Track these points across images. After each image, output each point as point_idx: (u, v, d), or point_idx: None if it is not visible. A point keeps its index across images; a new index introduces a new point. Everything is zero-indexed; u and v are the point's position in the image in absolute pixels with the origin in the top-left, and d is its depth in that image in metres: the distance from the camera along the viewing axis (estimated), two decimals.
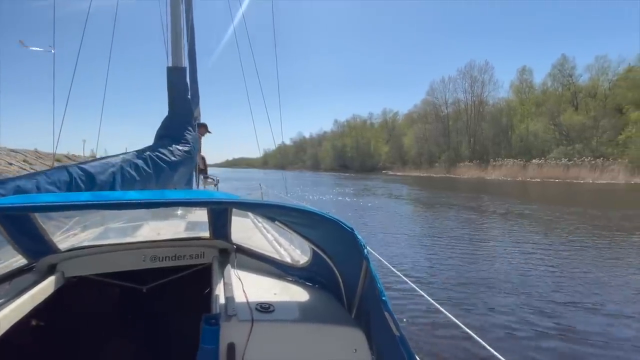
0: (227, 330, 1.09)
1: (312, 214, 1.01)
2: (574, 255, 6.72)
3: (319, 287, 1.59)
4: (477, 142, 48.94)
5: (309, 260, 1.58)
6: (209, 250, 1.92)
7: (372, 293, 1.08)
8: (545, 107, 42.01)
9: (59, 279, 1.63)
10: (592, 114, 37.67)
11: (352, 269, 1.20)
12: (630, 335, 3.59)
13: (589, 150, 35.14)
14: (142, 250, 1.82)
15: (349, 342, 1.19)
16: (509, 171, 38.18)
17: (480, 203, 15.74)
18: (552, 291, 4.79)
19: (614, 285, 5.04)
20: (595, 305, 4.34)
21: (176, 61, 2.93)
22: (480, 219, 11.47)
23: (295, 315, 1.30)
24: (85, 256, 1.74)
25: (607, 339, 3.48)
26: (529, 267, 5.90)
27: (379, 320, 1.06)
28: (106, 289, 1.93)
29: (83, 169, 1.68)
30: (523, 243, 7.82)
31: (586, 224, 9.93)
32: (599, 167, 31.86)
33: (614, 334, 3.60)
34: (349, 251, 1.12)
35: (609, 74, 39.69)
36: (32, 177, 1.48)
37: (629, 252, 7.07)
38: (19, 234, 1.53)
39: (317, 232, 1.31)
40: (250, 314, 1.19)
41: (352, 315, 1.33)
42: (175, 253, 1.87)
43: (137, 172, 2.02)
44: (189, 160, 2.69)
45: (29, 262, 1.65)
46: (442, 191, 22.75)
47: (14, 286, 1.46)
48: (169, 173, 2.33)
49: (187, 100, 2.89)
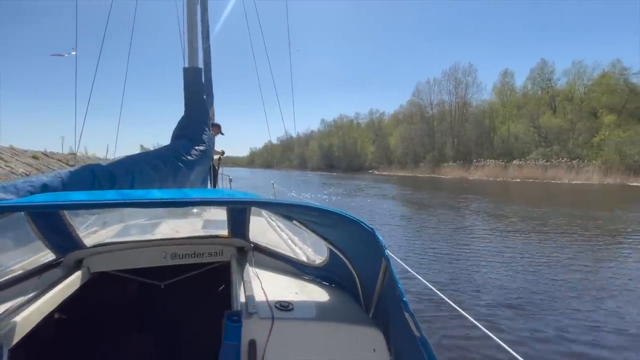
0: (249, 327, 1.12)
1: (333, 214, 1.01)
2: (546, 249, 7.17)
3: (335, 287, 1.60)
4: (460, 143, 50.05)
5: (325, 259, 1.59)
6: (227, 249, 1.94)
7: (391, 293, 1.08)
8: (525, 109, 43.40)
9: (85, 274, 1.69)
10: (569, 117, 39.15)
11: (370, 269, 1.20)
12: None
13: (566, 152, 36.53)
14: (163, 248, 1.87)
15: (368, 342, 1.19)
16: (490, 171, 39.28)
17: (464, 203, 16.28)
18: (531, 282, 5.16)
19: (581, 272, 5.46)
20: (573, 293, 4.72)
21: (192, 62, 2.95)
22: (463, 217, 11.93)
23: (314, 314, 1.30)
24: (110, 252, 1.80)
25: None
26: (503, 260, 6.29)
27: (398, 321, 1.06)
28: (126, 285, 1.97)
29: (105, 168, 1.74)
30: (502, 238, 8.26)
31: (560, 222, 10.51)
32: (575, 168, 33.23)
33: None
34: (368, 251, 1.13)
35: (584, 79, 41.31)
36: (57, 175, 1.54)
37: (600, 246, 7.60)
38: (48, 230, 1.58)
39: (336, 231, 1.30)
40: (271, 311, 1.21)
41: (370, 315, 1.34)
42: (195, 251, 1.91)
43: (156, 171, 2.05)
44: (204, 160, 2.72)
45: (57, 257, 1.71)
46: (427, 191, 23.32)
47: (43, 280, 1.53)
48: (185, 172, 2.36)
49: (203, 101, 2.90)
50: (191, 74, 2.89)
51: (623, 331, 3.78)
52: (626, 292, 4.93)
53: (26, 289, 1.40)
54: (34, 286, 1.44)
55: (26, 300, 1.26)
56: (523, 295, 4.75)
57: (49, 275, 1.59)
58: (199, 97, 2.88)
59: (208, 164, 2.95)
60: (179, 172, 2.28)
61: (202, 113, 2.87)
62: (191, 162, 2.43)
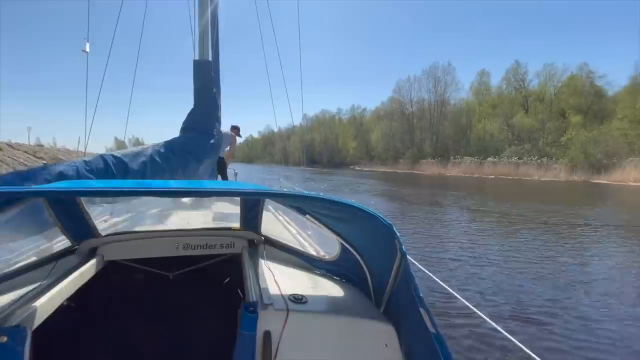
0: (264, 318, 1.13)
1: (351, 207, 1.01)
2: (514, 240, 7.75)
3: (345, 281, 1.61)
4: (439, 140, 51.41)
5: (337, 254, 1.60)
6: (239, 241, 1.95)
7: (406, 289, 1.08)
8: (500, 109, 45.14)
9: (99, 262, 1.70)
10: (540, 117, 41.08)
11: (384, 265, 1.20)
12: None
13: (536, 150, 38.40)
14: (175, 239, 1.88)
15: (380, 337, 1.20)
16: (467, 168, 40.67)
17: (442, 198, 16.97)
18: (503, 266, 5.63)
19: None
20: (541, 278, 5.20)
21: (202, 54, 2.89)
22: (442, 211, 12.52)
23: (327, 307, 1.32)
24: (124, 241, 1.82)
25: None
26: (477, 249, 6.78)
27: (412, 317, 1.06)
28: (140, 274, 1.98)
29: (117, 158, 1.76)
30: (476, 230, 8.82)
31: (527, 215, 11.26)
32: (544, 166, 35.00)
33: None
34: (382, 246, 1.14)
35: (554, 81, 43.43)
36: (72, 164, 1.57)
37: (564, 237, 8.27)
38: (65, 217, 1.60)
39: (349, 225, 1.30)
40: (285, 304, 1.23)
41: (381, 310, 1.34)
42: (207, 242, 1.92)
43: (166, 162, 2.07)
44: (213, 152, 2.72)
45: (72, 245, 1.73)
46: (408, 187, 24.01)
47: (59, 267, 1.55)
48: (195, 164, 2.39)
49: (213, 93, 2.85)
50: (201, 67, 2.86)
51: (581, 315, 4.26)
52: (577, 276, 5.48)
53: (43, 275, 1.44)
54: (50, 272, 1.48)
55: (44, 286, 1.28)
56: (490, 277, 5.20)
57: (64, 262, 1.61)
58: (208, 90, 2.85)
59: (216, 155, 2.94)
60: (189, 163, 2.31)
61: (211, 106, 2.84)
62: (200, 154, 2.45)
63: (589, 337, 3.65)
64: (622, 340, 3.59)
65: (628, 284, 5.35)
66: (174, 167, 2.15)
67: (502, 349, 3.23)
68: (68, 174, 1.50)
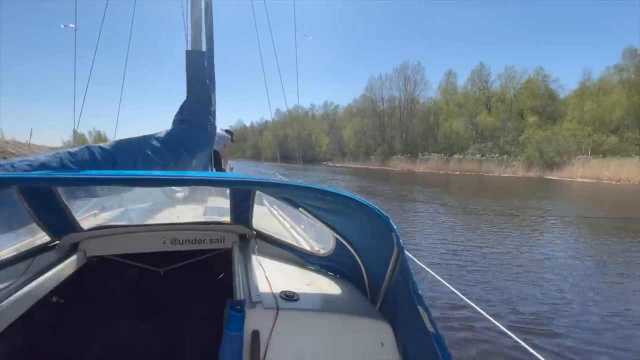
0: (252, 317, 1.07)
1: (346, 199, 0.97)
2: (476, 230, 8.44)
3: (340, 277, 1.55)
4: (408, 137, 53.04)
5: (331, 249, 1.54)
6: (229, 235, 1.87)
7: (403, 286, 1.04)
8: (465, 108, 47.41)
9: (80, 258, 1.62)
10: (501, 116, 43.63)
11: (380, 260, 1.16)
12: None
13: (498, 148, 40.75)
14: (162, 233, 1.80)
15: (376, 336, 1.15)
16: (434, 165, 42.40)
17: (411, 192, 17.77)
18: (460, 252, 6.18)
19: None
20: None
21: (195, 45, 2.81)
22: (412, 204, 13.17)
23: (320, 305, 1.26)
24: (107, 236, 1.73)
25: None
26: (441, 236, 7.35)
27: (409, 315, 1.02)
28: (125, 270, 1.91)
29: (104, 149, 1.67)
30: (441, 221, 9.46)
31: (488, 208, 12.15)
32: (504, 163, 37.25)
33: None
34: (378, 240, 1.09)
35: (514, 83, 46.19)
36: (56, 155, 1.48)
37: (516, 226, 9.10)
38: (42, 210, 1.50)
39: (344, 219, 1.26)
40: (275, 301, 1.16)
41: (377, 307, 1.29)
42: (196, 237, 1.84)
43: (157, 155, 1.98)
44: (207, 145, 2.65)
45: (52, 240, 1.63)
46: (381, 182, 24.78)
47: (37, 263, 1.46)
48: (187, 157, 2.31)
49: (206, 85, 2.76)
50: (194, 58, 2.75)
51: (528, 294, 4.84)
52: (525, 262, 6.15)
53: (19, 271, 1.36)
54: (27, 269, 1.39)
55: (19, 283, 1.22)
56: (452, 261, 5.72)
57: (43, 257, 1.52)
58: (201, 81, 2.74)
59: (210, 149, 2.85)
60: (180, 156, 2.24)
61: (204, 98, 2.74)
62: (193, 147, 2.39)
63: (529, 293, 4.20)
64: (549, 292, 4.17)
65: (560, 259, 6.08)
66: (165, 160, 2.06)
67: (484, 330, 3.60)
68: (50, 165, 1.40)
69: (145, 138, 2.03)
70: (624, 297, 4.77)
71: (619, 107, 34.68)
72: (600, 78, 38.89)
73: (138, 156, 1.85)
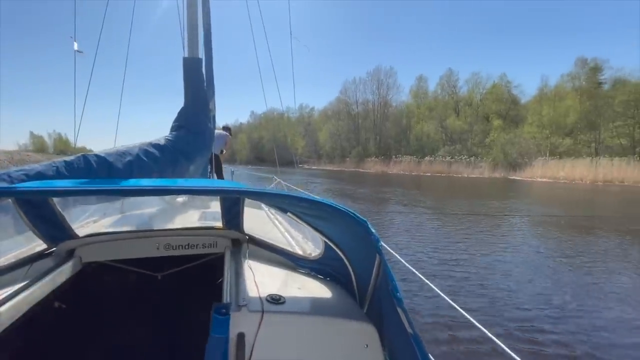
0: (237, 320, 1.09)
1: (323, 205, 1.00)
2: (446, 226, 8.97)
3: (330, 280, 1.57)
4: (382, 139, 54.39)
5: (321, 252, 1.56)
6: (222, 240, 1.90)
7: (385, 288, 1.06)
8: (435, 112, 49.34)
9: (76, 264, 1.66)
10: (469, 120, 45.82)
11: (365, 263, 1.18)
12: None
13: (466, 150, 42.68)
14: (156, 239, 1.83)
15: (361, 337, 1.16)
16: (407, 166, 43.74)
17: (385, 194, 18.34)
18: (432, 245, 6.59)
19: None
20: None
21: (192, 52, 2.85)
22: (386, 204, 13.65)
23: (306, 307, 1.27)
24: (101, 242, 1.76)
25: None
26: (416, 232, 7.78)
27: (392, 317, 1.04)
28: (122, 276, 1.94)
29: (101, 157, 1.68)
30: (414, 219, 9.95)
31: (456, 206, 12.86)
32: (472, 164, 39.12)
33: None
34: (361, 244, 1.11)
35: (480, 88, 48.66)
36: (52, 164, 1.49)
37: (482, 222, 9.75)
38: (38, 219, 1.55)
39: (330, 224, 1.28)
40: (261, 304, 1.18)
41: (364, 310, 1.31)
42: (189, 242, 1.87)
43: (154, 162, 1.99)
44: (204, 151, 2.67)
45: (49, 247, 1.66)
46: (357, 184, 25.30)
47: (34, 270, 1.49)
48: (185, 163, 2.32)
49: (203, 91, 2.79)
50: (191, 64, 2.79)
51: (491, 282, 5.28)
52: (490, 247, 6.67)
53: (15, 278, 1.38)
54: (23, 275, 1.43)
55: (15, 289, 1.24)
56: (428, 254, 6.11)
57: (39, 264, 1.55)
58: (199, 88, 2.78)
59: (208, 155, 2.87)
60: (178, 163, 2.25)
61: (202, 104, 2.77)
62: (190, 153, 2.41)
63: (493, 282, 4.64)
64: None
65: (518, 249, 6.67)
66: (162, 167, 2.06)
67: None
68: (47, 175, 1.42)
69: (142, 145, 2.04)
70: (573, 282, 5.34)
71: (572, 112, 37.50)
72: (556, 85, 41.98)
73: (134, 163, 1.85)
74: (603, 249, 7.59)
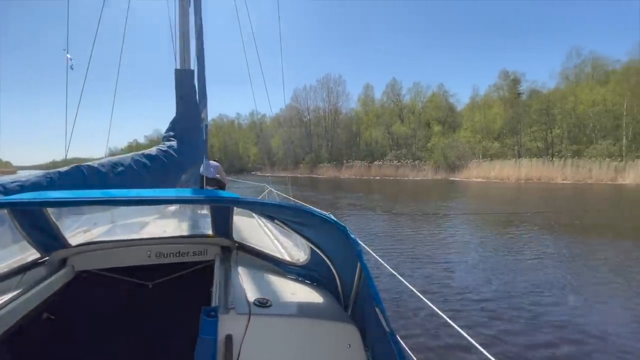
0: (225, 322, 1.12)
1: (305, 213, 1.03)
2: (393, 223, 9.81)
3: (317, 285, 1.61)
4: (334, 145, 55.87)
5: (307, 258, 1.60)
6: (212, 248, 1.95)
7: (365, 289, 1.09)
8: (382, 118, 52.20)
9: (69, 273, 1.70)
10: (412, 126, 49.21)
11: (349, 267, 1.22)
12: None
13: (411, 154, 45.66)
14: (147, 247, 1.87)
15: (343, 338, 1.20)
16: (357, 171, 45.43)
17: (338, 197, 19.08)
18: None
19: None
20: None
21: (184, 63, 2.90)
22: (340, 207, 14.30)
23: (292, 310, 1.31)
24: (94, 251, 1.80)
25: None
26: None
27: (371, 317, 1.08)
28: (114, 284, 1.96)
29: (94, 168, 1.70)
30: (367, 218, 10.68)
31: (403, 206, 13.98)
32: (417, 167, 42.02)
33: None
34: (344, 249, 1.14)
35: (421, 96, 52.57)
36: (46, 175, 1.51)
37: (425, 218, 10.79)
38: (32, 228, 1.57)
39: (314, 230, 1.32)
40: (248, 307, 1.22)
41: (349, 312, 1.35)
42: (179, 250, 1.91)
43: (146, 172, 2.02)
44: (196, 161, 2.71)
45: (42, 256, 1.69)
46: (310, 189, 25.81)
47: (27, 278, 1.53)
48: (176, 173, 2.37)
49: (195, 103, 2.83)
50: (182, 76, 2.83)
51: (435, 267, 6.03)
52: (432, 240, 7.54)
53: (9, 286, 1.41)
54: (16, 284, 1.46)
55: (8, 298, 1.26)
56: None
57: (32, 273, 1.59)
58: (190, 99, 2.81)
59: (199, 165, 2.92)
60: (170, 173, 2.29)
61: (193, 115, 2.80)
62: (182, 163, 2.46)
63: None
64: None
65: (457, 242, 7.65)
66: (155, 177, 2.10)
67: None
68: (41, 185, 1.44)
69: (135, 155, 2.07)
70: (500, 264, 6.33)
71: (499, 118, 42.25)
72: (485, 94, 47.17)
73: (128, 174, 1.88)
74: (527, 238, 8.97)
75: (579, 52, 40.35)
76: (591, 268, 6.40)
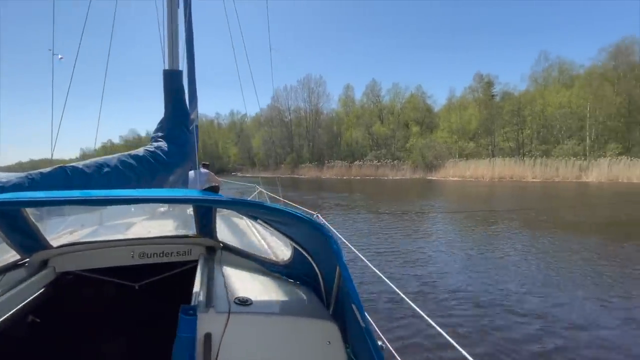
0: (205, 321, 1.11)
1: (285, 213, 1.03)
2: (374, 220, 10.14)
3: (299, 283, 1.61)
4: (315, 146, 56.09)
5: (290, 257, 1.60)
6: (196, 248, 1.94)
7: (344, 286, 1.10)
8: (362, 119, 52.94)
9: (49, 274, 1.66)
10: (391, 126, 50.19)
11: (330, 265, 1.22)
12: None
13: (390, 154, 46.60)
14: (130, 247, 1.84)
15: (323, 335, 1.21)
16: (339, 171, 45.86)
17: (320, 197, 19.32)
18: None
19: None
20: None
21: (172, 64, 2.89)
22: (323, 206, 14.52)
23: (273, 308, 1.31)
24: (75, 252, 1.76)
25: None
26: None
27: (349, 314, 1.09)
28: (100, 286, 1.93)
29: (78, 169, 1.67)
30: (349, 216, 10.96)
31: (383, 204, 14.40)
32: (396, 167, 42.97)
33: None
34: (324, 248, 1.14)
35: (400, 98, 53.73)
36: (28, 176, 1.48)
37: (405, 215, 11.20)
38: (11, 229, 1.53)
39: (296, 229, 1.32)
40: (228, 306, 1.21)
41: (330, 310, 1.35)
42: (163, 250, 1.89)
43: (133, 172, 2.00)
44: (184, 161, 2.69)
45: (22, 258, 1.66)
46: (292, 190, 25.91)
47: (6, 280, 1.49)
48: (164, 173, 2.34)
49: (183, 103, 2.83)
50: (171, 77, 2.83)
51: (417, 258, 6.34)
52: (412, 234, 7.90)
53: None
54: None
55: None
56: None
57: (12, 275, 1.55)
58: (179, 99, 2.81)
59: (187, 165, 2.91)
60: (157, 173, 2.26)
61: (181, 115, 2.80)
62: (170, 164, 2.43)
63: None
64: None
65: (437, 238, 8.05)
66: (141, 177, 2.08)
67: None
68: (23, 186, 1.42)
69: (121, 156, 2.05)
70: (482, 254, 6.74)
71: (474, 119, 43.90)
72: (461, 96, 48.87)
73: (113, 174, 1.86)
74: (501, 233, 9.51)
75: (547, 56, 42.52)
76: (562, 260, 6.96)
